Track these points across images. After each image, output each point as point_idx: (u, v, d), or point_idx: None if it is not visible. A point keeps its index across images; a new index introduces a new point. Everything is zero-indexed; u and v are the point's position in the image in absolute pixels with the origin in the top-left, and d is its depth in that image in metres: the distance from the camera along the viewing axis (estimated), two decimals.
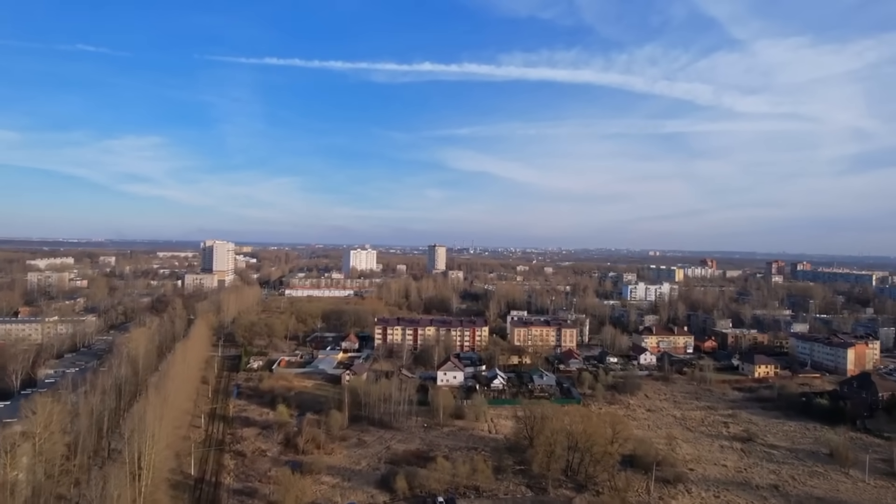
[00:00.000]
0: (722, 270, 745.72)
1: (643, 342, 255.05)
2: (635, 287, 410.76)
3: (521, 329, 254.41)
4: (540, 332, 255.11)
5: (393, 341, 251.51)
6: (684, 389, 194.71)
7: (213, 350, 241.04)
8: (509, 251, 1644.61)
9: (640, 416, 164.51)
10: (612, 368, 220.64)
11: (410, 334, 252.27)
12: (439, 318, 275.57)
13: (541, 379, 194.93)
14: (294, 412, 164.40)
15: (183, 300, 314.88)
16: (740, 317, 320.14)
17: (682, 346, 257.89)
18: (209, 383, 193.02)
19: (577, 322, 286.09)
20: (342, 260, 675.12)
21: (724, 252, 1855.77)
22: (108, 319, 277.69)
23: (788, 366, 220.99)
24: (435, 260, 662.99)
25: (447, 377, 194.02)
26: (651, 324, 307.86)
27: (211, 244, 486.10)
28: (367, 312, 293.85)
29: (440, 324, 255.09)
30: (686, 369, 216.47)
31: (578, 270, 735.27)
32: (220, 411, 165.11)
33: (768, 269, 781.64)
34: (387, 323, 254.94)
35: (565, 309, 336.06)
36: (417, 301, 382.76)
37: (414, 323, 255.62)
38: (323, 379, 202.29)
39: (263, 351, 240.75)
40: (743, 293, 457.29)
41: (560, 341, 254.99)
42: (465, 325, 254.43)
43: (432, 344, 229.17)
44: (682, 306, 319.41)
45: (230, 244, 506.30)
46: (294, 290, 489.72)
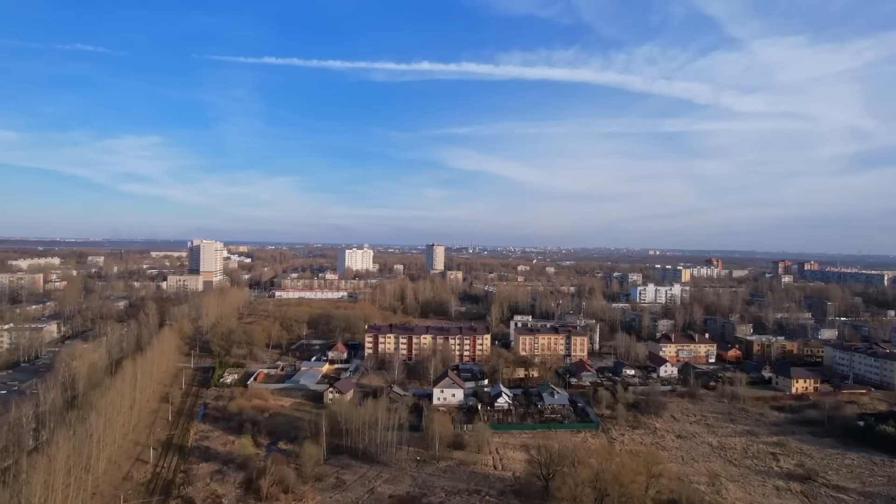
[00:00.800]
0: (728, 270, 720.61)
1: (661, 351, 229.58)
2: (644, 289, 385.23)
3: (526, 337, 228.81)
4: (547, 340, 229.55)
5: (385, 351, 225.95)
6: (715, 409, 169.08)
7: (185, 361, 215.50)
8: (509, 250, 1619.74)
9: (670, 445, 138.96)
10: (629, 383, 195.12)
11: (404, 343, 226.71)
12: (436, 325, 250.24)
13: (551, 397, 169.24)
14: (265, 440, 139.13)
15: (159, 304, 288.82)
16: (761, 321, 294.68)
17: (704, 356, 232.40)
18: (173, 402, 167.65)
19: (587, 328, 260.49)
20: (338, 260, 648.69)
21: (724, 251, 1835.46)
22: (74, 326, 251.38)
23: (827, 379, 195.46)
24: (433, 259, 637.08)
25: (444, 395, 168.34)
26: (666, 329, 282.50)
27: (198, 244, 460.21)
28: (359, 317, 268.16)
29: (437, 332, 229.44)
30: (713, 383, 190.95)
31: (581, 270, 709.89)
32: (178, 440, 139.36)
33: (775, 269, 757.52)
34: (378, 331, 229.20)
35: (572, 312, 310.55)
36: (414, 304, 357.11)
37: (408, 331, 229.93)
38: (304, 396, 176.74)
39: (241, 362, 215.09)
40: (756, 294, 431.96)
41: (570, 350, 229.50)
42: (464, 332, 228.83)
43: (428, 355, 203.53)
44: (698, 310, 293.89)
45: (218, 243, 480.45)
46: (285, 291, 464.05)
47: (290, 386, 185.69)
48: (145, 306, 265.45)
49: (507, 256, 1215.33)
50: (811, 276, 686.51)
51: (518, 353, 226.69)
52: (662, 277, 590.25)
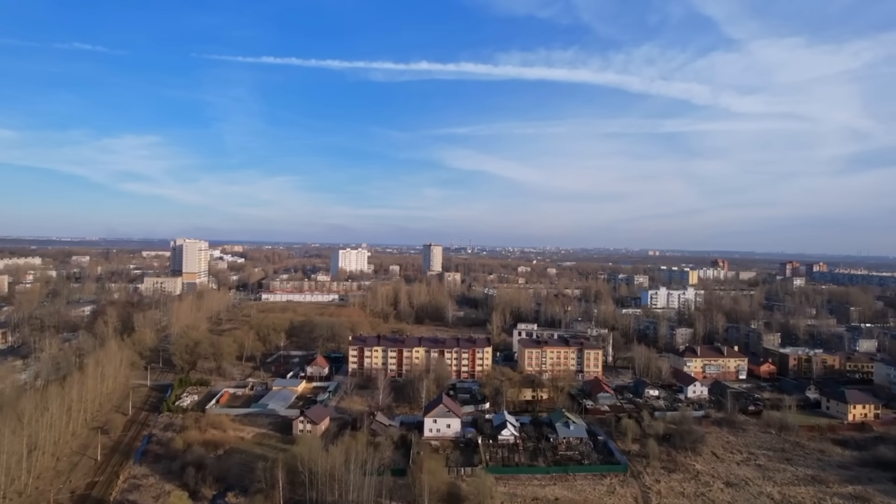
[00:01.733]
0: (734, 271, 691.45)
1: (686, 366, 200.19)
2: (656, 293, 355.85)
3: (532, 350, 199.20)
4: (557, 354, 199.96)
5: (371, 366, 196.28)
6: (763, 443, 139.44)
7: (143, 377, 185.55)
8: (507, 251, 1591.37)
9: (720, 498, 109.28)
10: (655, 406, 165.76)
11: (394, 357, 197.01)
12: (430, 336, 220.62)
13: (566, 429, 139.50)
14: (211, 490, 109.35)
15: (124, 310, 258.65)
16: (788, 330, 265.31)
17: (734, 371, 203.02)
18: (112, 433, 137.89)
19: (600, 339, 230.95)
20: None
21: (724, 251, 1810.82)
22: (23, 336, 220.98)
23: (886, 403, 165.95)
24: (431, 260, 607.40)
25: (438, 426, 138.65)
26: (685, 339, 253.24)
27: (181, 243, 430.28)
28: (345, 326, 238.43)
29: (431, 344, 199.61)
30: (752, 407, 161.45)
31: (583, 271, 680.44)
32: (100, 491, 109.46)
33: (783, 271, 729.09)
34: (364, 343, 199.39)
35: (581, 320, 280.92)
36: (408, 309, 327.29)
37: (398, 343, 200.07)
38: (271, 425, 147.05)
39: (205, 379, 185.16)
40: (772, 298, 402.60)
41: (582, 365, 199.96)
42: (462, 345, 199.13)
43: (420, 373, 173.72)
44: (720, 318, 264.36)
45: (202, 243, 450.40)
46: (273, 294, 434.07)
47: (256, 411, 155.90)
48: (104, 313, 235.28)
49: (506, 257, 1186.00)
50: (820, 277, 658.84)
51: (524, 369, 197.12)
52: (669, 280, 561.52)
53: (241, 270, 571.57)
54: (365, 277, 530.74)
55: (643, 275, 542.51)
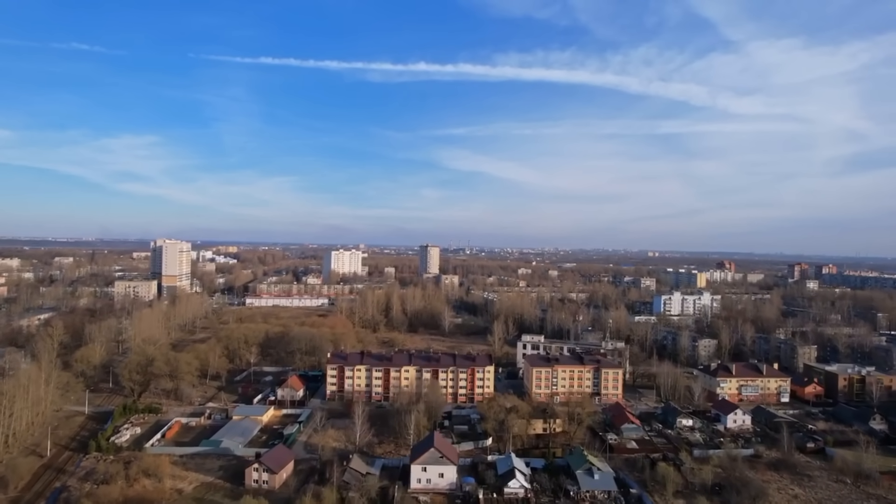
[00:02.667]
0: (742, 273, 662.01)
1: (719, 388, 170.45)
2: (669, 298, 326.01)
3: (542, 370, 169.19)
4: (570, 374, 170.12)
5: (353, 388, 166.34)
6: (839, 496, 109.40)
7: (82, 403, 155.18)
8: (506, 251, 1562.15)
9: None
10: (690, 440, 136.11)
11: (379, 378, 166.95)
12: (423, 349, 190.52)
13: (590, 477, 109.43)
14: None
15: (78, 320, 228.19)
16: (823, 340, 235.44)
17: (775, 394, 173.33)
18: (13, 485, 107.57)
19: (617, 354, 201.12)
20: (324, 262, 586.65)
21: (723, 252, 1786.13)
22: None
23: None
24: (427, 261, 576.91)
25: (428, 475, 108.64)
26: (709, 351, 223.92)
27: (161, 244, 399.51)
28: (327, 337, 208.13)
29: (423, 363, 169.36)
30: (811, 444, 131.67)
31: (585, 273, 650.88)
32: None
33: (791, 273, 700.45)
34: (344, 361, 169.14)
35: (591, 329, 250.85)
36: (401, 316, 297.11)
37: (384, 361, 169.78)
38: (221, 471, 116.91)
39: (156, 405, 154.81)
40: (791, 303, 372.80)
41: (599, 387, 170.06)
42: (459, 364, 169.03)
43: (409, 401, 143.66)
44: (747, 327, 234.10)
45: (184, 244, 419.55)
46: (259, 298, 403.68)
47: (206, 450, 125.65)
48: (51, 324, 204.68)
49: (504, 258, 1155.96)
50: (830, 280, 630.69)
51: (531, 391, 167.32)
52: (676, 282, 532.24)
53: (230, 273, 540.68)
54: (358, 280, 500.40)
55: (648, 277, 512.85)
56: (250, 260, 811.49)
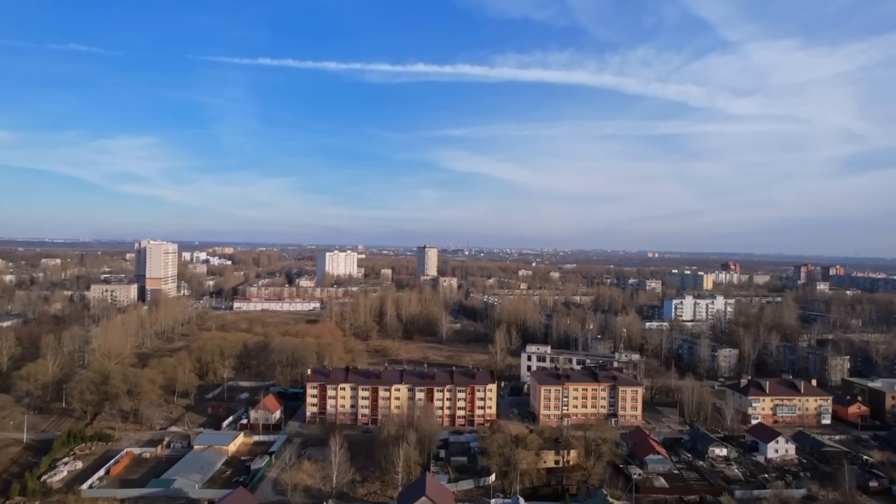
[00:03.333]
0: (748, 275, 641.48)
1: (751, 407, 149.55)
2: (681, 302, 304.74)
3: (551, 388, 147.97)
4: (583, 392, 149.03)
5: (337, 410, 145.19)
6: None
7: (20, 430, 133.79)
8: (505, 252, 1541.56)
9: None
10: (728, 476, 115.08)
11: (366, 398, 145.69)
12: (415, 370, 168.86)
13: None
14: None
15: (35, 329, 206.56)
16: (854, 348, 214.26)
17: (815, 414, 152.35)
18: None
19: (632, 367, 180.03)
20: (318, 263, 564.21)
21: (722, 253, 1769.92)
22: None
23: None
24: (425, 263, 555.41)
25: None
26: (730, 363, 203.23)
27: (145, 245, 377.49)
28: (312, 348, 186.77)
29: (416, 380, 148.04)
30: (875, 484, 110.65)
31: (587, 275, 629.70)
32: None
33: (797, 274, 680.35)
34: (326, 378, 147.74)
35: (601, 338, 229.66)
36: (395, 323, 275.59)
37: (372, 379, 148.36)
38: None
39: (106, 433, 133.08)
40: (807, 307, 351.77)
41: (616, 407, 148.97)
42: (457, 381, 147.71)
43: (399, 426, 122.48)
44: (772, 336, 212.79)
45: (170, 245, 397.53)
46: (248, 301, 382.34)
47: (154, 492, 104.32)
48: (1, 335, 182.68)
49: (504, 259, 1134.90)
50: (838, 281, 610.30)
51: (539, 413, 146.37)
52: (682, 284, 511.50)
53: (221, 275, 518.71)
54: (353, 282, 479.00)
55: (653, 279, 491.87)
56: (245, 261, 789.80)
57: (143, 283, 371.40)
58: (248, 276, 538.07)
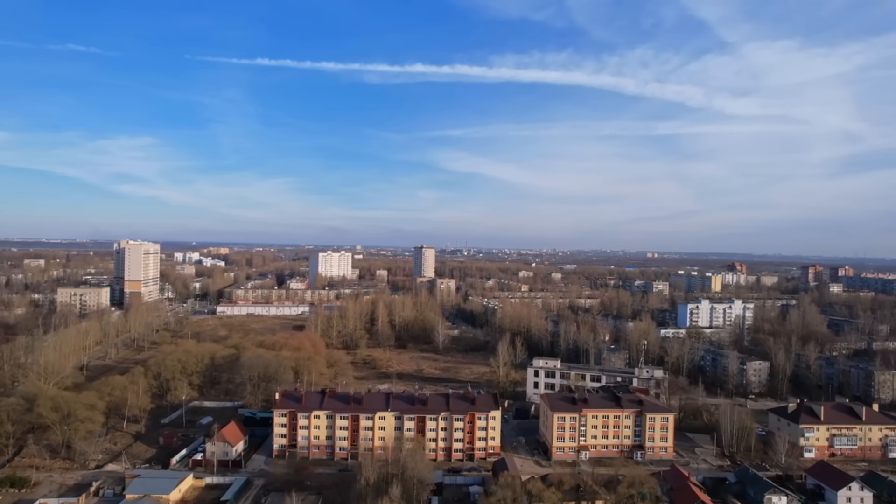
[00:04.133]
0: (755, 276, 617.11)
1: (803, 438, 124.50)
2: (696, 307, 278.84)
3: (566, 416, 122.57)
4: (603, 420, 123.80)
5: (310, 443, 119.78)
6: None
7: None
8: (504, 252, 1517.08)
9: None
10: None
11: (345, 428, 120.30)
12: (405, 392, 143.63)
13: None
14: None
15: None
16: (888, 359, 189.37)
17: (879, 446, 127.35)
18: None
19: (654, 384, 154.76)
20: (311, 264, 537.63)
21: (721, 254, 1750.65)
22: None
23: None
24: (422, 264, 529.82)
25: None
26: (761, 377, 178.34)
27: (123, 245, 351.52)
28: (286, 362, 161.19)
29: (405, 406, 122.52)
30: None
31: (590, 276, 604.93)
32: None
33: (805, 275, 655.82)
34: (297, 404, 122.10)
35: (614, 348, 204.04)
36: (387, 330, 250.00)
37: (353, 405, 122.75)
38: None
39: (20, 478, 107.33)
40: (828, 311, 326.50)
41: (643, 437, 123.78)
42: (454, 407, 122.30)
43: (384, 467, 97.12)
44: (812, 347, 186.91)
45: (151, 245, 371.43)
46: (234, 305, 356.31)
47: None
48: None
49: (503, 259, 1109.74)
50: (848, 283, 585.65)
51: (552, 445, 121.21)
52: (689, 286, 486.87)
53: (209, 276, 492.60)
54: (347, 284, 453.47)
55: (660, 281, 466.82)
56: (238, 262, 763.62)
57: (122, 286, 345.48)
58: (237, 278, 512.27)
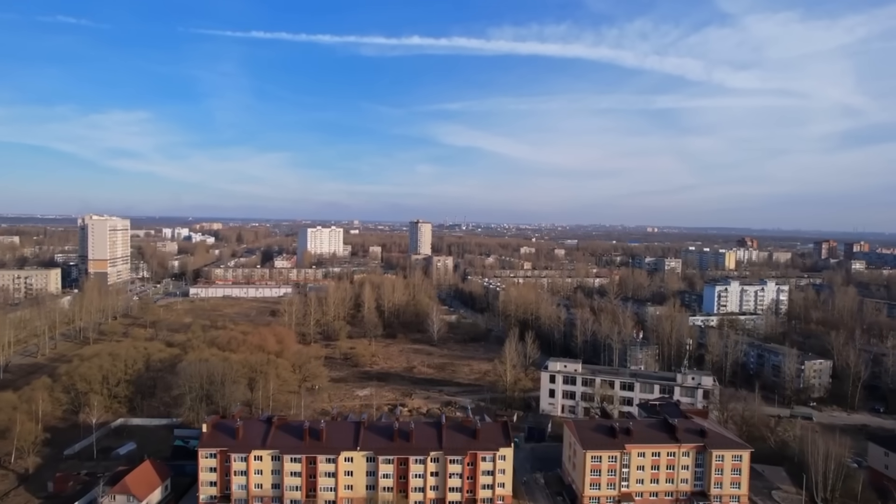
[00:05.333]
0: (767, 252, 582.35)
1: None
2: (725, 290, 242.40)
3: (601, 454, 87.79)
4: (653, 460, 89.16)
5: (250, 493, 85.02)
6: None
7: None
8: (503, 227, 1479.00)
9: None
10: None
11: (297, 473, 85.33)
12: (383, 423, 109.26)
13: None
14: None
15: None
16: None
17: None
18: None
19: (703, 394, 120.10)
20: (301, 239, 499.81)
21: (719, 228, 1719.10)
22: None
23: None
24: (418, 239, 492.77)
25: None
26: (822, 379, 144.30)
27: (88, 221, 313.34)
28: (241, 369, 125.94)
29: (381, 442, 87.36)
30: None
31: (594, 252, 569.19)
32: None
33: (818, 251, 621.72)
34: (233, 441, 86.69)
35: (643, 342, 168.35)
36: (374, 318, 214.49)
37: (308, 440, 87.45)
38: None
39: None
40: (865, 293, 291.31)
41: (705, 483, 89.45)
42: (449, 441, 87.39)
43: None
44: (887, 342, 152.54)
45: (119, 220, 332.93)
46: (211, 286, 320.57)
47: None
48: None
49: (502, 234, 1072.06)
50: (864, 259, 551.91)
51: (582, 492, 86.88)
52: (701, 263, 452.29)
53: (192, 254, 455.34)
54: (337, 262, 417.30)
55: (672, 258, 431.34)
56: (229, 238, 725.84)
57: (86, 266, 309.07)
58: (222, 255, 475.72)
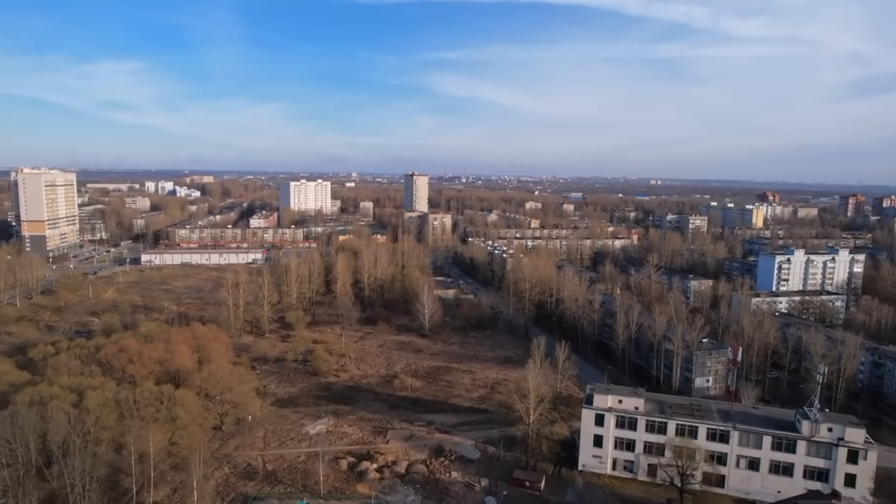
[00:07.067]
0: (790, 206, 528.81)
1: None
2: (787, 261, 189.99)
3: None
4: None
5: None
6: None
7: None
8: (503, 179, 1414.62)
9: None
10: None
11: None
12: None
13: None
14: None
15: None
16: None
17: None
18: None
19: (855, 462, 71.66)
20: None
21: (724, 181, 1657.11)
22: None
23: None
24: (414, 194, 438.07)
25: None
26: None
27: (20, 176, 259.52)
28: (100, 410, 77.04)
29: None
30: None
31: (605, 207, 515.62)
32: None
33: (844, 205, 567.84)
34: None
35: (712, 344, 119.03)
36: (349, 300, 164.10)
37: None
38: None
39: None
40: None
41: None
42: None
43: None
44: None
45: (59, 174, 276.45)
46: (167, 252, 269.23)
47: None
48: None
49: (503, 187, 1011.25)
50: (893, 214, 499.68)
51: None
52: (725, 220, 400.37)
53: (163, 210, 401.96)
54: (321, 220, 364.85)
55: (696, 215, 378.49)
56: (215, 192, 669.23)
57: (18, 229, 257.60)
58: (198, 213, 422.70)
